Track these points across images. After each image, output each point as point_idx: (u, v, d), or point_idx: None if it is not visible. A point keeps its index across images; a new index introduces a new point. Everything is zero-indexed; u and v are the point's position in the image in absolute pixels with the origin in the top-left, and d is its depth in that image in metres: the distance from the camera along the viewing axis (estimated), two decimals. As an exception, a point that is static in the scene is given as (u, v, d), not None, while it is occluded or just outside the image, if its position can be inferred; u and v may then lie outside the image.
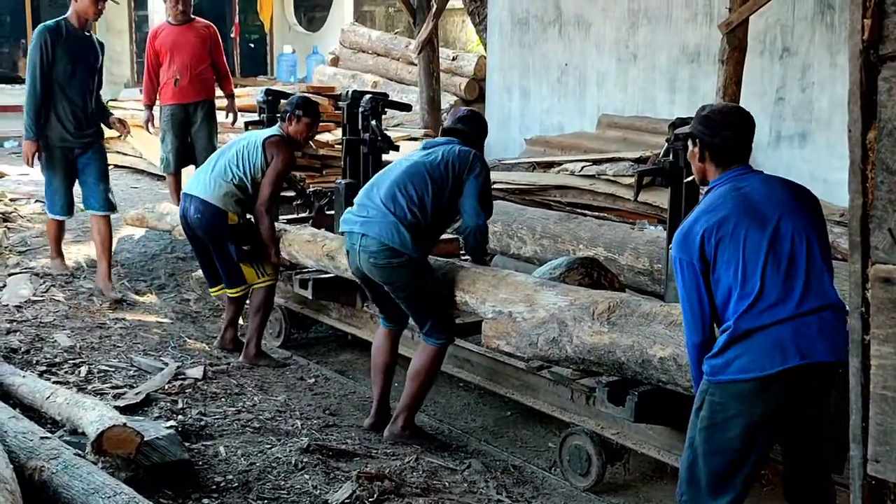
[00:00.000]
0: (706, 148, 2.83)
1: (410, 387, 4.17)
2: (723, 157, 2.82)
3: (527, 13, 9.52)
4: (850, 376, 1.69)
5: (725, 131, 2.82)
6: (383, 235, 3.96)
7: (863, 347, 1.65)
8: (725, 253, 2.69)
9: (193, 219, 4.96)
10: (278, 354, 5.40)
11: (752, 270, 2.67)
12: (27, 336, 4.83)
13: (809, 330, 2.62)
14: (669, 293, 4.04)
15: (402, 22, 16.10)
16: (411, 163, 4.11)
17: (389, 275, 4.01)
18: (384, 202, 4.01)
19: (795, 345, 2.61)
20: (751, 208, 2.73)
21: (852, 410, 1.69)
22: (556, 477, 4.01)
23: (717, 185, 2.84)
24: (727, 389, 2.69)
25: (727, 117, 2.87)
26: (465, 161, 4.06)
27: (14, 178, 8.71)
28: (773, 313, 2.64)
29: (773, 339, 2.63)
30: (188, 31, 7.23)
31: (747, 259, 2.68)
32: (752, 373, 2.63)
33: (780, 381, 2.62)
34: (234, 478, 3.44)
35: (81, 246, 6.67)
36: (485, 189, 4.11)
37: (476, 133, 4.28)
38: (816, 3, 7.05)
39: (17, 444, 3.11)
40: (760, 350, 2.63)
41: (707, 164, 2.85)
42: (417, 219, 3.98)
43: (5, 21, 16.33)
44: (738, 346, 2.66)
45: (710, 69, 7.19)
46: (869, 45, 1.56)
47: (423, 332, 4.13)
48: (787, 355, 2.61)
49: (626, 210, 6.75)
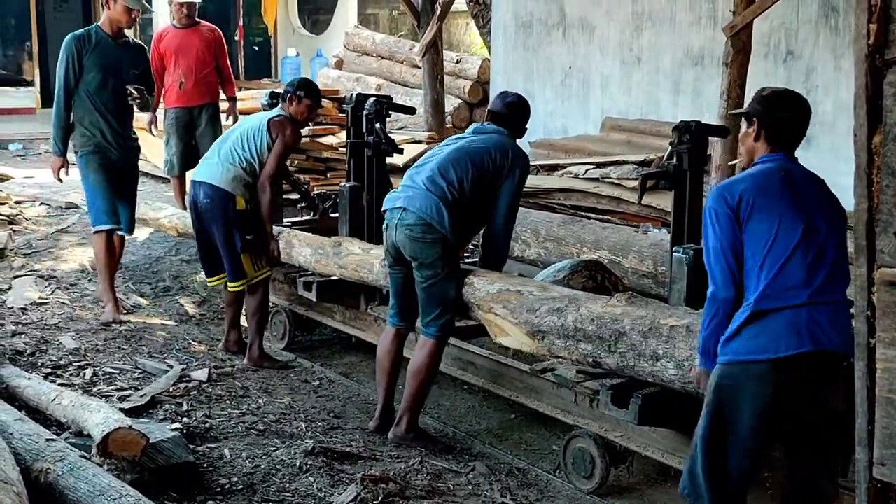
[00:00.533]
0: (763, 127, 2.85)
1: (411, 385, 4.18)
2: (778, 138, 2.84)
3: (531, 16, 9.53)
4: (856, 379, 1.69)
5: (784, 112, 2.85)
6: (423, 210, 4.01)
7: (868, 351, 1.65)
8: (760, 222, 2.70)
9: (203, 203, 4.97)
10: (282, 357, 5.41)
11: (781, 249, 2.68)
12: (32, 338, 4.84)
13: (822, 318, 2.65)
14: (673, 296, 4.04)
15: (405, 25, 16.12)
16: (456, 147, 4.14)
17: (421, 250, 4.03)
18: (426, 183, 4.06)
19: (809, 331, 2.64)
20: (794, 191, 2.75)
21: (858, 414, 1.70)
22: (561, 480, 4.01)
23: (763, 161, 2.85)
24: (740, 370, 2.70)
25: (787, 101, 2.90)
26: (507, 158, 4.09)
27: (19, 180, 8.73)
28: (791, 296, 2.65)
29: (789, 322, 2.65)
30: (193, 34, 7.25)
31: (779, 237, 2.68)
32: (767, 354, 2.65)
33: (792, 364, 2.64)
34: (238, 480, 3.44)
35: (86, 248, 6.68)
36: (518, 194, 4.15)
37: (523, 121, 4.33)
38: (820, 6, 7.06)
39: (23, 446, 3.12)
40: (776, 332, 2.65)
41: (760, 142, 2.86)
42: (457, 200, 4.02)
43: (10, 24, 16.37)
44: (753, 326, 2.67)
45: (714, 72, 7.19)
46: (874, 49, 1.57)
47: (425, 323, 4.13)
48: (802, 340, 2.63)
49: (630, 213, 6.75)
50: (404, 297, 4.25)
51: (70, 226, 7.27)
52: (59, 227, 7.21)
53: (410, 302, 4.22)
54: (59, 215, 7.64)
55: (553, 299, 3.80)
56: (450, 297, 4.10)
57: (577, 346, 3.60)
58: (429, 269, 4.05)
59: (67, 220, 7.46)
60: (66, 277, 6.05)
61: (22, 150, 11.46)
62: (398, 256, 4.16)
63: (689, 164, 4.16)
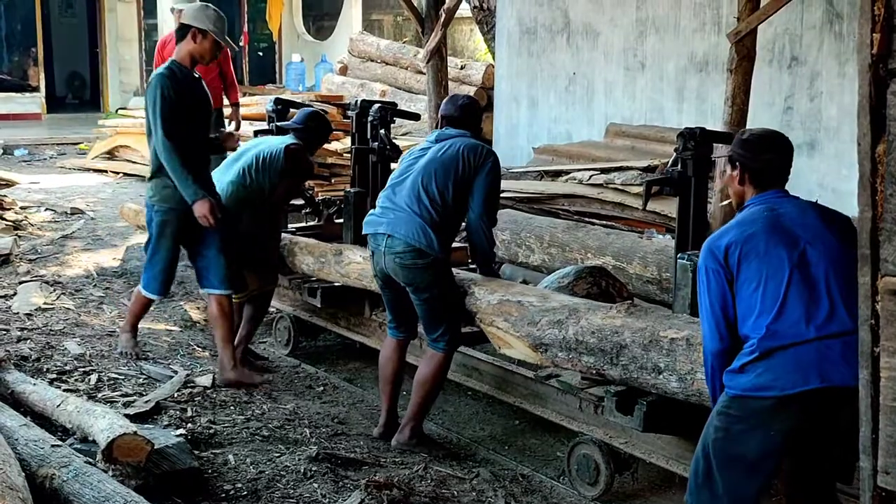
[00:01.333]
0: (746, 171, 2.88)
1: (417, 395, 4.18)
2: (762, 179, 2.87)
3: (535, 22, 9.54)
4: (860, 388, 1.69)
5: (766, 155, 2.88)
6: (409, 236, 3.97)
7: (872, 360, 1.65)
8: (750, 268, 2.72)
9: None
10: (286, 363, 5.41)
11: (775, 289, 2.69)
12: (38, 344, 4.85)
13: (832, 353, 2.62)
14: (678, 302, 4.04)
15: (410, 31, 16.14)
16: (429, 160, 4.09)
17: (415, 276, 4.01)
18: (408, 203, 4.02)
19: (817, 367, 2.62)
20: (780, 228, 2.76)
21: (862, 422, 1.70)
22: (565, 486, 4.01)
23: (751, 204, 2.88)
24: (746, 405, 2.70)
25: (768, 141, 2.92)
26: (479, 156, 4.08)
27: (25, 186, 8.76)
28: (796, 334, 2.65)
29: (795, 359, 2.64)
30: None
31: (770, 276, 2.70)
32: (772, 391, 2.64)
33: (799, 401, 2.63)
34: (243, 486, 3.45)
35: (92, 254, 6.70)
36: (492, 189, 4.12)
37: (478, 121, 4.34)
38: (825, 12, 7.05)
39: (29, 452, 3.13)
40: (782, 370, 2.64)
41: (747, 186, 2.90)
42: (442, 217, 4.00)
43: (16, 30, 16.42)
44: (759, 363, 2.67)
45: (718, 78, 7.19)
46: (878, 59, 1.57)
47: (432, 339, 4.13)
48: (809, 377, 2.62)
49: (635, 219, 6.75)
50: (401, 312, 4.24)
51: (75, 231, 7.28)
52: (65, 232, 7.22)
53: (408, 314, 4.22)
54: (64, 221, 7.66)
55: (553, 310, 3.80)
56: (452, 311, 4.10)
57: (580, 358, 3.61)
58: (425, 292, 4.04)
59: (73, 225, 7.48)
60: (72, 283, 6.06)
61: (27, 155, 11.50)
62: (388, 280, 4.14)
63: (694, 171, 4.16)
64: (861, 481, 1.73)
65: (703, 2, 7.92)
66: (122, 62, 15.76)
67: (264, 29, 16.73)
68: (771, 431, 2.67)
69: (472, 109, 4.30)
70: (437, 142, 4.18)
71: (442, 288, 4.06)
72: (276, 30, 16.41)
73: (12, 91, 15.14)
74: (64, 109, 15.97)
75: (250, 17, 16.76)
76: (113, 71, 15.68)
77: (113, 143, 10.56)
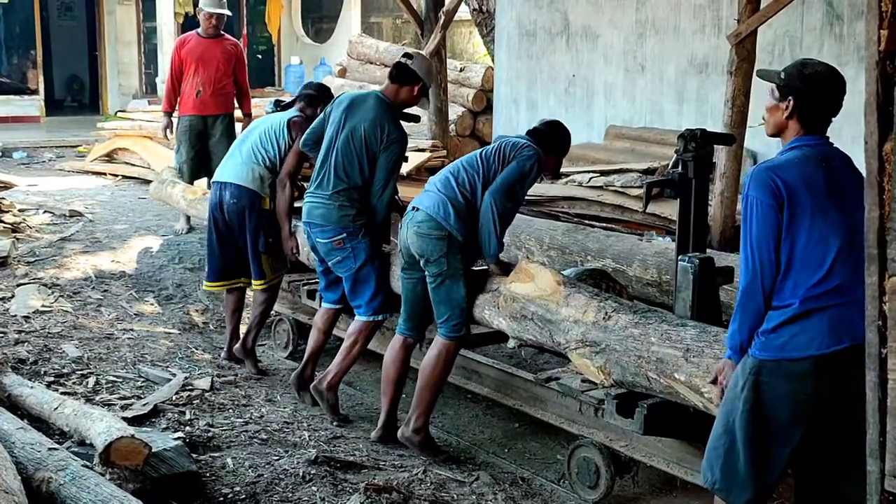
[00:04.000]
0: (799, 108, 2.73)
1: (419, 385, 4.17)
2: (814, 121, 2.74)
3: (534, 24, 9.53)
4: (867, 391, 1.67)
5: (825, 95, 2.73)
6: (430, 208, 4.10)
7: (880, 361, 1.63)
8: (804, 220, 2.63)
9: (229, 204, 4.98)
10: (285, 366, 5.39)
11: (827, 249, 2.62)
12: (35, 347, 4.83)
13: (857, 315, 2.53)
14: (678, 305, 4.01)
15: (409, 33, 16.14)
16: (476, 153, 4.25)
17: (426, 244, 4.07)
18: (437, 185, 4.17)
19: (849, 327, 2.59)
20: (836, 187, 2.66)
21: (869, 425, 1.67)
22: (565, 489, 3.99)
23: (803, 145, 2.74)
24: (779, 368, 2.66)
25: (829, 81, 2.75)
26: (517, 149, 4.13)
27: (23, 188, 8.73)
28: (836, 296, 2.61)
29: (830, 320, 2.61)
30: (216, 45, 7.29)
31: (823, 236, 2.62)
32: (809, 351, 2.61)
33: (832, 362, 2.60)
34: (241, 489, 3.43)
35: (90, 257, 6.68)
36: (515, 179, 4.08)
37: (555, 140, 4.29)
38: (825, 14, 7.04)
39: (25, 456, 3.11)
40: (817, 330, 2.62)
41: (794, 122, 2.75)
42: (467, 201, 4.09)
43: (14, 32, 16.41)
44: (795, 324, 2.63)
45: (718, 80, 7.18)
46: (885, 55, 1.55)
47: (438, 324, 4.16)
48: (842, 336, 2.60)
49: (635, 221, 6.73)
50: (415, 304, 4.25)
51: (74, 234, 7.26)
52: (63, 235, 7.20)
53: (421, 310, 4.23)
54: (62, 223, 7.64)
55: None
56: (458, 298, 4.09)
57: None
58: (434, 266, 4.07)
59: (71, 228, 7.45)
60: (70, 286, 6.04)
61: (26, 158, 11.48)
62: (410, 258, 4.18)
63: (695, 173, 4.13)
64: (868, 485, 1.71)
65: (703, 3, 7.91)
66: (122, 65, 15.75)
67: (263, 31, 16.74)
68: (803, 395, 2.64)
69: (551, 125, 4.34)
70: (494, 142, 4.31)
71: (451, 267, 4.06)
72: (275, 32, 16.42)
73: (11, 94, 15.12)
74: (63, 112, 15.96)
75: (249, 20, 16.76)
76: (112, 74, 15.68)
77: (112, 146, 10.55)
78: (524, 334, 3.97)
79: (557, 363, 4.65)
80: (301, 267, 5.30)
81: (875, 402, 1.61)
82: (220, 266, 5.17)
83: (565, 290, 3.81)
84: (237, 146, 5.15)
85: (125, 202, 8.69)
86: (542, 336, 3.86)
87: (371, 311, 4.49)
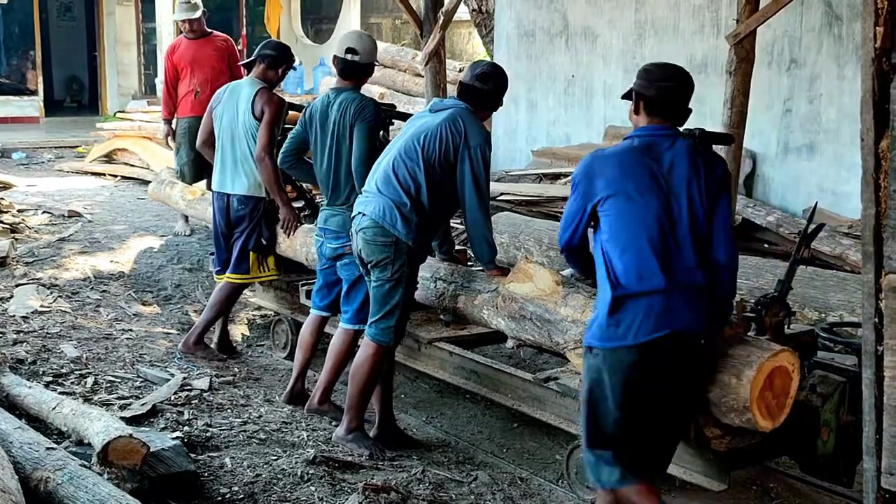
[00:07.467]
0: (641, 99, 2.95)
1: (351, 390, 4.07)
2: (653, 107, 2.94)
3: (533, 25, 9.53)
4: (864, 388, 1.67)
5: (660, 82, 2.95)
6: (375, 213, 3.91)
7: (876, 359, 1.62)
8: (617, 204, 2.84)
9: (238, 210, 5.05)
10: (284, 366, 5.38)
11: (635, 233, 2.81)
12: (34, 347, 4.83)
13: (679, 303, 2.80)
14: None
15: (408, 34, 16.15)
16: (408, 136, 3.95)
17: (372, 251, 3.93)
18: (378, 186, 3.94)
19: (666, 315, 2.78)
20: (654, 171, 2.86)
21: (865, 422, 1.67)
22: (564, 489, 3.98)
23: (634, 135, 2.96)
24: (603, 356, 2.87)
25: (663, 71, 3.01)
26: (459, 134, 3.86)
27: (22, 188, 8.74)
28: (648, 283, 2.79)
29: (646, 308, 2.79)
30: (206, 45, 7.27)
31: (633, 220, 2.82)
32: (625, 341, 2.81)
33: (650, 348, 2.78)
34: (239, 489, 3.42)
35: (89, 257, 6.69)
36: (479, 176, 3.89)
37: (495, 92, 4.00)
38: (824, 14, 7.05)
39: (23, 455, 3.10)
40: (634, 318, 2.80)
41: (641, 115, 2.97)
42: (413, 200, 3.89)
43: (14, 33, 16.41)
44: (614, 315, 2.82)
45: (717, 80, 7.16)
46: (882, 53, 1.55)
47: (371, 322, 4.03)
48: (659, 324, 2.78)
49: (634, 221, 6.73)
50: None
51: (72, 234, 7.26)
52: (62, 235, 7.21)
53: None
54: (61, 224, 7.64)
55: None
56: (392, 302, 3.96)
57: None
58: (379, 272, 3.96)
59: (70, 228, 7.46)
60: (69, 286, 6.04)
61: (25, 158, 11.49)
62: (362, 263, 4.05)
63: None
64: (865, 483, 1.70)
65: (702, 4, 7.92)
66: (121, 66, 15.75)
67: (263, 32, 16.71)
68: (625, 381, 2.84)
69: (487, 77, 3.97)
70: (430, 113, 4.01)
71: (396, 273, 3.92)
72: (274, 33, 16.39)
73: (10, 94, 15.13)
74: (62, 113, 15.96)
75: (249, 21, 16.76)
76: (111, 74, 15.68)
77: (111, 147, 10.56)
78: (523, 334, 3.97)
79: (556, 363, 4.65)
80: (301, 267, 5.30)
81: (871, 400, 1.61)
82: (227, 259, 5.23)
83: (564, 290, 3.81)
84: (222, 152, 5.10)
85: (124, 203, 8.70)
86: (541, 336, 3.86)
87: (356, 321, 4.33)
